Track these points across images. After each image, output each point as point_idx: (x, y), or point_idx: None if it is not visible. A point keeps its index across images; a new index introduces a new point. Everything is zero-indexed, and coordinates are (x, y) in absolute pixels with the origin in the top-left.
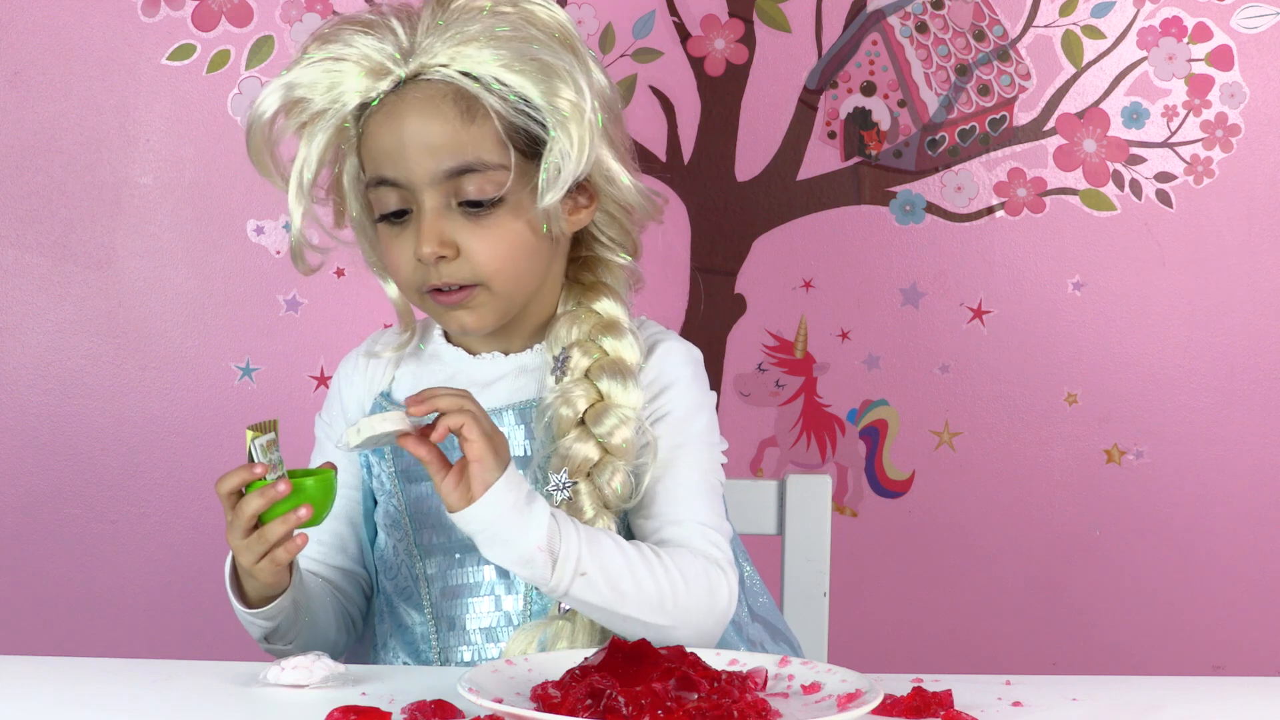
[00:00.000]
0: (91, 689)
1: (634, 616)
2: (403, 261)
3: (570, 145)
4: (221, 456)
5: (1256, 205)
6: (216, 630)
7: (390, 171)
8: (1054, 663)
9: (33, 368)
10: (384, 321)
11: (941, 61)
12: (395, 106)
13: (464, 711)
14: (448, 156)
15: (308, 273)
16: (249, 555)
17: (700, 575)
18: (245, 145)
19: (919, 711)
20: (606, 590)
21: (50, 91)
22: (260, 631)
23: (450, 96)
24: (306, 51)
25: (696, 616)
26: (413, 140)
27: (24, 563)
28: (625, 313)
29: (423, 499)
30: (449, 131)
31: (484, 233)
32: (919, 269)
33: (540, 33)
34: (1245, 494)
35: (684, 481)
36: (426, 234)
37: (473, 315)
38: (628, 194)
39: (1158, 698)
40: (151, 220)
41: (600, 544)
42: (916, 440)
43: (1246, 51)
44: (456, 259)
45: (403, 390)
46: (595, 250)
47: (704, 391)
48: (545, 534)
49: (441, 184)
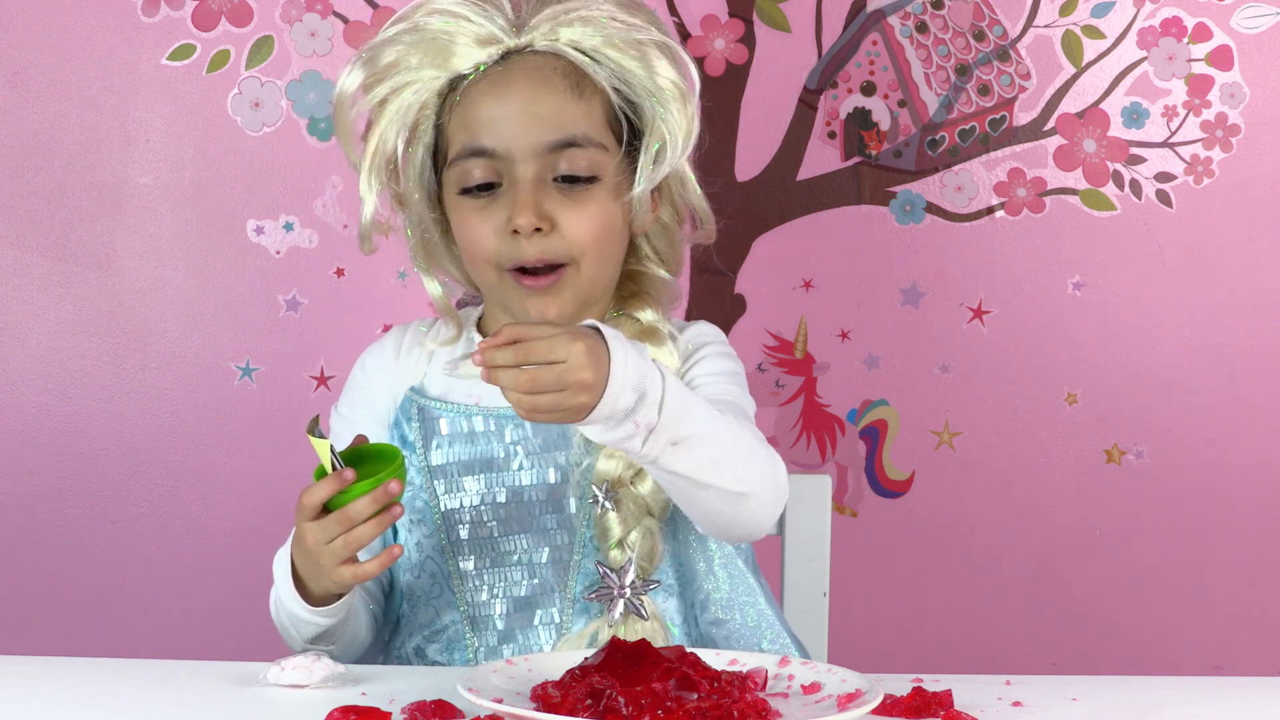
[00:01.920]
0: (91, 689)
1: (715, 485)
2: (486, 235)
3: (675, 126)
4: (221, 456)
5: (1256, 205)
6: (216, 630)
7: (489, 141)
8: (1054, 663)
9: (33, 368)
10: (384, 322)
11: (941, 61)
12: (502, 76)
13: (464, 711)
14: (554, 129)
15: (371, 253)
16: (330, 553)
17: (775, 458)
18: (332, 115)
19: (919, 711)
20: (698, 456)
21: (50, 91)
22: (314, 631)
23: (560, 70)
24: (406, 17)
25: (771, 494)
26: (520, 109)
27: (24, 563)
28: (665, 323)
29: (458, 495)
30: (559, 103)
31: (581, 209)
32: (919, 269)
33: (639, 19)
34: (1245, 494)
35: (719, 393)
36: (525, 204)
37: (556, 301)
38: (695, 199)
39: (1158, 698)
40: (151, 220)
41: (700, 407)
42: (916, 440)
43: (1246, 51)
44: (551, 234)
45: (435, 385)
46: (640, 264)
47: (731, 354)
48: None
49: (542, 156)
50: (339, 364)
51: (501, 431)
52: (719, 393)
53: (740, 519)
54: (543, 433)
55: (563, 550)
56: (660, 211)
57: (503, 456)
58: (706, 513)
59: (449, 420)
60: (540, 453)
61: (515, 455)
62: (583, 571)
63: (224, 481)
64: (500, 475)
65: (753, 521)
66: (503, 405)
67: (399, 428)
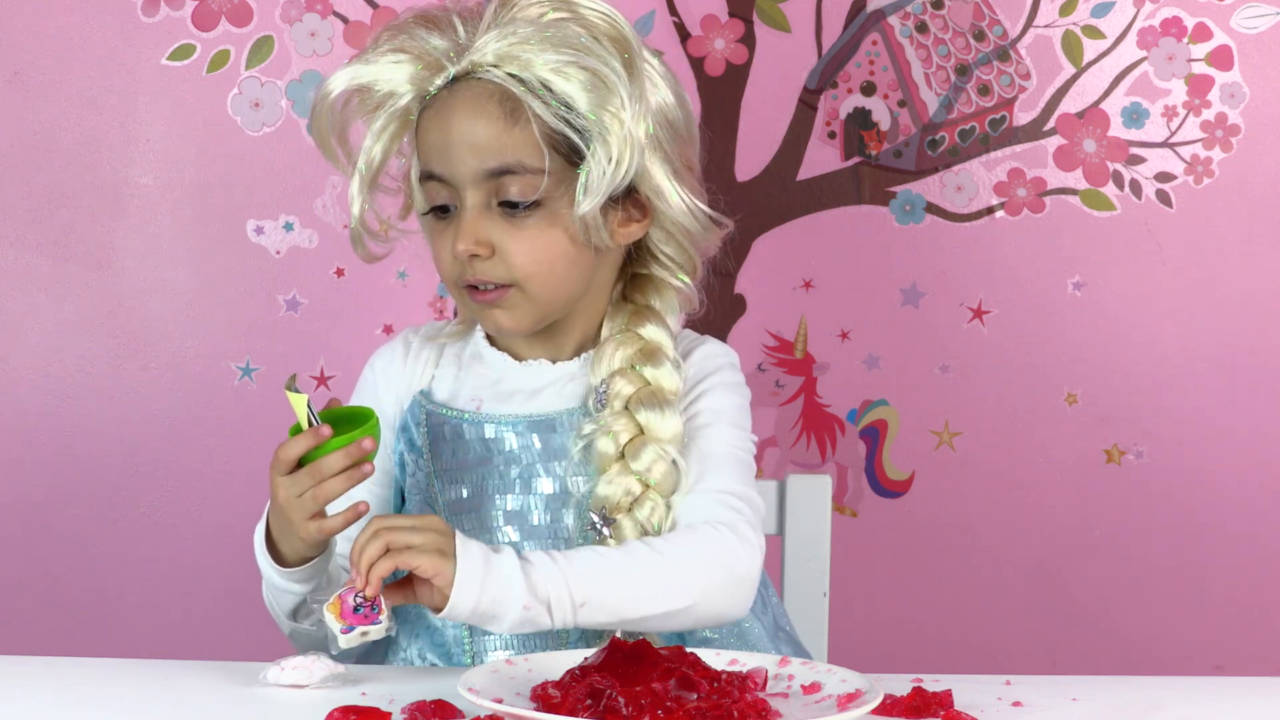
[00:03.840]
0: (91, 689)
1: (651, 614)
2: (444, 255)
3: (608, 157)
4: (222, 456)
5: (1256, 205)
6: (216, 630)
7: (438, 167)
8: (1054, 663)
9: (33, 368)
10: (384, 322)
11: (941, 61)
12: (446, 103)
13: (464, 711)
14: (490, 156)
15: (368, 259)
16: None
17: (710, 544)
18: (310, 125)
19: (919, 711)
20: (614, 603)
21: (50, 91)
22: (292, 601)
23: (496, 97)
24: (378, 40)
25: (717, 587)
26: (458, 138)
27: (24, 562)
28: (670, 340)
29: (459, 501)
30: (492, 132)
31: (520, 234)
32: (919, 269)
33: (595, 43)
34: (1245, 494)
35: (709, 453)
36: (464, 231)
37: (507, 315)
38: (676, 213)
39: (1158, 698)
40: (151, 220)
41: (583, 563)
42: (916, 440)
43: (1246, 51)
44: (491, 258)
45: (442, 390)
46: (652, 268)
47: (738, 384)
48: (524, 589)
49: (483, 183)
50: (339, 364)
51: (503, 439)
52: (720, 442)
53: (706, 618)
54: (544, 443)
55: None
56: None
57: (504, 464)
58: (670, 630)
59: (453, 425)
60: (541, 461)
61: (516, 463)
62: None
63: (224, 481)
64: (501, 482)
65: (718, 616)
66: (508, 412)
67: (406, 431)
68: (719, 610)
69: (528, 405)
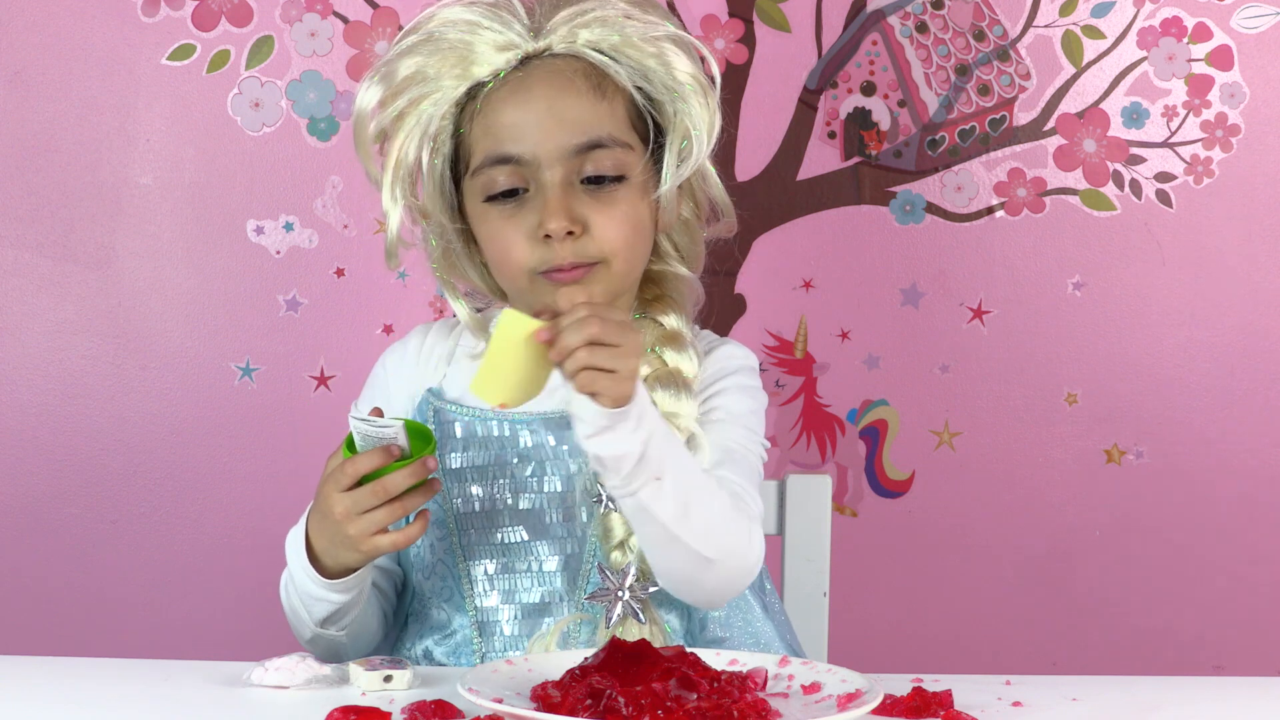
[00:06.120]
0: (90, 689)
1: (687, 543)
2: (517, 241)
3: (698, 120)
4: (222, 456)
5: (1256, 205)
6: (217, 630)
7: (514, 147)
8: (1054, 663)
9: (33, 368)
10: (384, 322)
11: (941, 61)
12: (523, 82)
13: (464, 711)
14: (579, 131)
15: (397, 268)
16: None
17: (735, 517)
18: (352, 134)
19: (919, 711)
20: (673, 504)
21: (50, 91)
22: (326, 610)
23: (581, 72)
24: (419, 29)
25: (734, 559)
26: (543, 114)
27: (24, 563)
28: (688, 327)
29: (471, 500)
30: (582, 105)
31: (609, 210)
32: (919, 269)
33: (654, 15)
34: (1245, 494)
35: (719, 444)
36: (556, 208)
37: (587, 291)
38: (717, 192)
39: (1158, 698)
40: (151, 220)
41: (684, 454)
42: (916, 440)
43: (1246, 51)
44: (583, 236)
45: (453, 388)
46: (661, 262)
47: (755, 388)
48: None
49: (568, 160)
50: (339, 364)
51: (517, 437)
52: (730, 439)
53: (705, 585)
54: (558, 440)
55: (573, 559)
56: (682, 208)
57: (517, 462)
58: (671, 569)
59: (464, 424)
60: (554, 460)
61: (530, 461)
62: (592, 581)
63: (224, 481)
64: (514, 481)
65: (716, 591)
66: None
67: None
68: (724, 582)
69: (543, 402)
